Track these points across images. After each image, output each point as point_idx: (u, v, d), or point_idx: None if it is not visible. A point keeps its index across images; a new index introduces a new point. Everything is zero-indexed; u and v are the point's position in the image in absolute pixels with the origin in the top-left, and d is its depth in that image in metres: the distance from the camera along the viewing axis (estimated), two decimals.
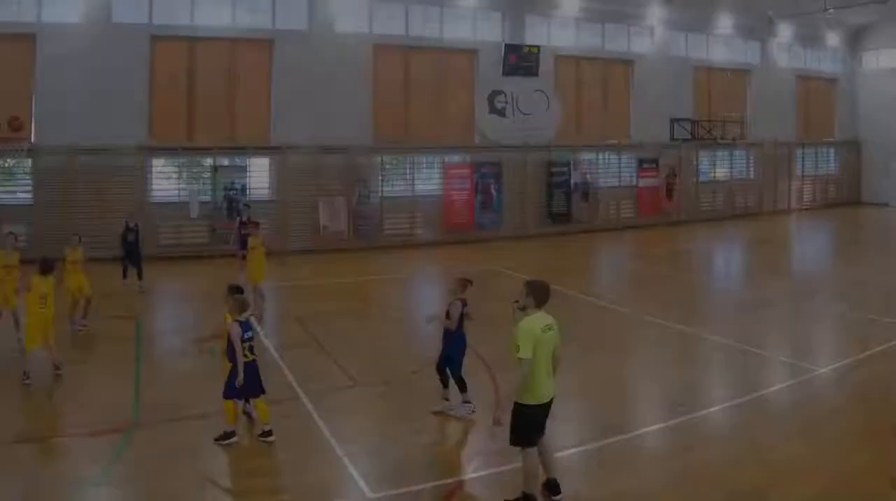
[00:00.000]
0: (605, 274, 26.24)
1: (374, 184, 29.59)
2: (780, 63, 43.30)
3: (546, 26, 34.26)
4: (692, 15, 37.94)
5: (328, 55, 28.67)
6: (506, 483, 9.09)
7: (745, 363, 14.62)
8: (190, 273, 24.16)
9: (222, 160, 27.32)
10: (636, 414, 12.16)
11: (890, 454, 10.08)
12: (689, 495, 9.10)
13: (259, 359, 11.19)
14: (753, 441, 10.56)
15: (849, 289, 21.75)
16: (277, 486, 9.44)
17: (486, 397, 12.08)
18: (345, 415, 11.77)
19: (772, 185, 42.33)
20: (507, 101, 32.76)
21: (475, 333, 15.30)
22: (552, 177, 33.60)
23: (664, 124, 37.26)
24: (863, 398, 12.49)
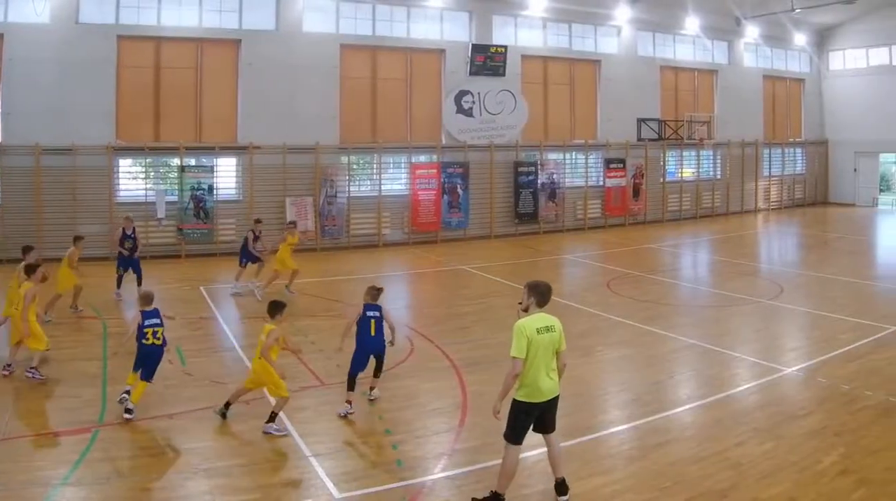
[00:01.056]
0: (571, 274, 26.77)
1: (341, 183, 30.35)
2: (747, 63, 44.71)
3: (513, 26, 35.31)
4: (659, 15, 39.11)
5: (295, 55, 29.47)
6: (472, 483, 9.57)
7: (712, 363, 15.08)
8: (157, 273, 24.65)
9: (189, 160, 27.95)
10: (604, 414, 12.49)
11: (856, 454, 10.40)
12: (655, 494, 9.36)
13: (225, 357, 12.09)
14: (720, 441, 10.94)
15: (816, 289, 22.48)
16: (245, 486, 9.57)
17: (454, 397, 12.84)
18: (312, 415, 12.10)
19: (739, 185, 43.68)
20: (474, 101, 33.73)
21: (444, 333, 16.53)
22: (519, 176, 34.60)
23: (631, 124, 38.52)
24: (830, 398, 12.83)
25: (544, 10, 35.22)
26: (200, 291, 21.90)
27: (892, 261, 29.26)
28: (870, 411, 12.09)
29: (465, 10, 33.67)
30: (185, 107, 28.26)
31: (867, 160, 46.88)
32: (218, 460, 10.27)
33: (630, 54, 38.93)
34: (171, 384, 13.19)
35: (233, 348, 16.02)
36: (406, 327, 17.63)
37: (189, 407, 12.18)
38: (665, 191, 40.23)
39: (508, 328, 15.80)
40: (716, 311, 19.96)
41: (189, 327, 17.46)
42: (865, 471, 9.84)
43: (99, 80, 26.36)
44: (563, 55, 36.94)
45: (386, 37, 32.00)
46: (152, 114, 27.77)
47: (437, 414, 12.24)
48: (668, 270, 26.99)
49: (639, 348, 16.24)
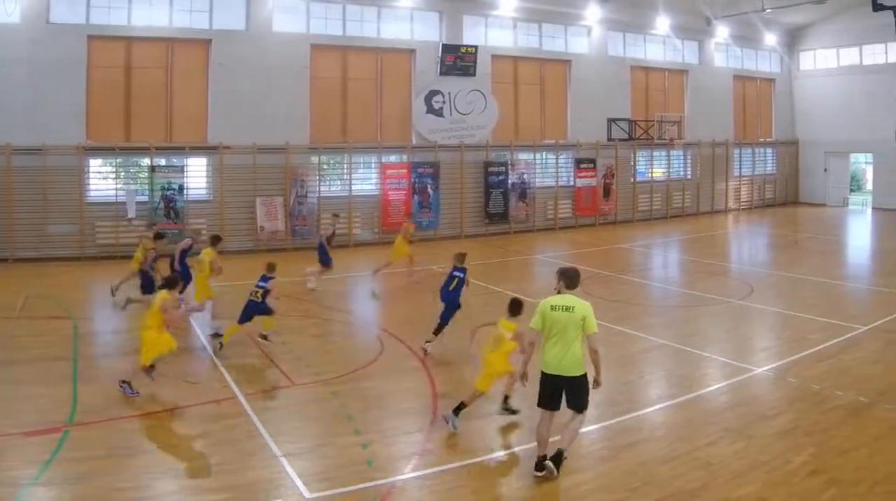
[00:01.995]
0: (542, 274, 26.97)
1: (312, 183, 31.10)
2: (718, 63, 45.97)
3: (483, 26, 36.27)
4: (630, 15, 40.24)
5: (265, 55, 30.22)
6: (443, 483, 9.87)
7: (683, 363, 15.43)
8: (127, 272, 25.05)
9: (159, 160, 28.59)
10: None
11: (826, 454, 10.66)
12: (625, 494, 9.57)
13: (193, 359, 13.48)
14: (690, 441, 11.19)
15: (786, 289, 22.98)
16: (215, 486, 9.71)
17: (424, 397, 13.25)
18: (283, 415, 12.37)
19: (709, 185, 44.85)
20: (445, 101, 34.66)
21: (414, 333, 16.96)
22: (489, 176, 35.54)
23: (601, 124, 39.64)
24: (800, 398, 13.10)
25: (514, 10, 36.18)
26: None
27: (861, 261, 30.00)
28: (840, 411, 12.38)
29: (435, 10, 34.58)
30: (155, 107, 28.92)
31: (837, 160, 48.16)
32: (188, 460, 10.57)
33: (600, 54, 40.00)
34: (142, 384, 13.32)
35: (204, 348, 16.34)
36: (376, 327, 18.41)
37: (159, 407, 12.43)
38: (635, 191, 41.28)
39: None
40: (686, 311, 20.46)
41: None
42: (835, 471, 10.10)
43: (69, 80, 26.97)
44: (534, 55, 37.94)
45: (356, 37, 32.79)
46: (123, 115, 28.39)
47: (407, 414, 12.47)
48: (639, 270, 27.46)
49: (609, 348, 15.92)
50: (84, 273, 24.70)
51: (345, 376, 14.25)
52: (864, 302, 21.44)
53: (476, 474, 10.23)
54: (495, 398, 12.40)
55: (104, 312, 20.54)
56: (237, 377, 14.04)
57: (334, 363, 15.14)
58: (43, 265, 25.73)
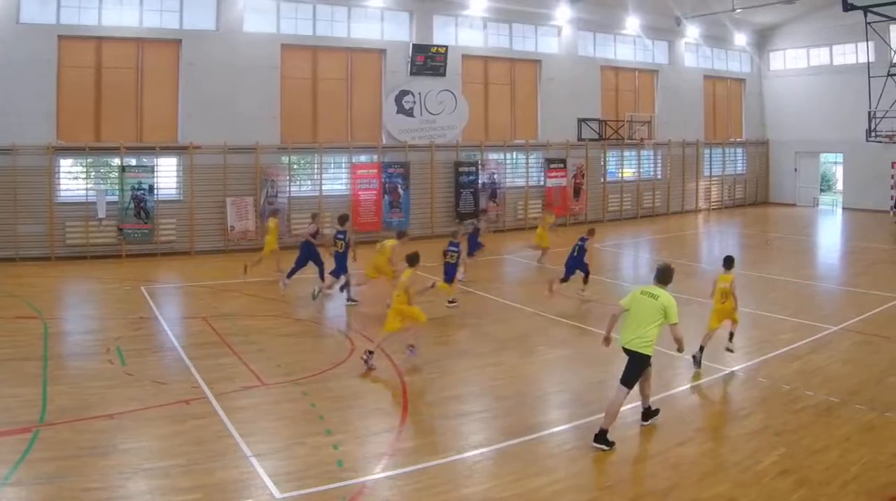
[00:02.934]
0: (512, 274, 27.80)
1: (282, 183, 31.74)
2: (688, 63, 47.18)
3: (454, 26, 37.19)
4: (600, 15, 41.30)
5: (236, 55, 30.89)
6: (413, 483, 9.98)
7: (653, 362, 15.41)
8: (97, 273, 25.58)
9: (130, 160, 29.16)
10: (545, 414, 12.99)
11: (797, 454, 10.82)
12: (596, 494, 9.78)
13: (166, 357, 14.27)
14: (661, 441, 11.39)
15: (757, 289, 23.04)
16: (186, 486, 9.76)
17: (395, 397, 13.55)
18: (253, 415, 12.45)
19: (679, 185, 46.08)
20: (415, 101, 35.49)
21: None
22: (460, 176, 36.38)
23: (572, 124, 40.74)
24: (770, 398, 13.34)
25: (485, 10, 37.08)
26: (141, 291, 22.53)
27: (832, 262, 30.58)
28: (810, 411, 12.60)
29: (405, 10, 35.38)
30: (125, 107, 29.45)
31: (808, 160, 49.46)
32: (158, 460, 10.56)
33: (571, 54, 41.04)
34: (111, 384, 13.63)
35: (174, 348, 16.51)
36: (347, 327, 18.90)
37: (129, 407, 12.49)
38: (606, 191, 42.30)
39: (448, 327, 18.43)
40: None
41: (129, 327, 18.14)
42: (806, 471, 10.25)
43: (40, 80, 27.44)
44: (504, 55, 38.87)
45: (327, 37, 33.53)
46: (93, 115, 28.91)
47: (377, 414, 12.69)
48: (609, 270, 27.82)
49: (579, 348, 16.95)
50: (55, 273, 25.19)
51: (315, 376, 14.47)
52: (834, 303, 21.94)
53: (446, 474, 10.35)
54: (469, 398, 13.23)
55: (74, 312, 20.91)
56: (207, 377, 14.18)
57: (305, 363, 15.40)
58: (13, 265, 26.26)
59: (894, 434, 11.58)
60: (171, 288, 24.13)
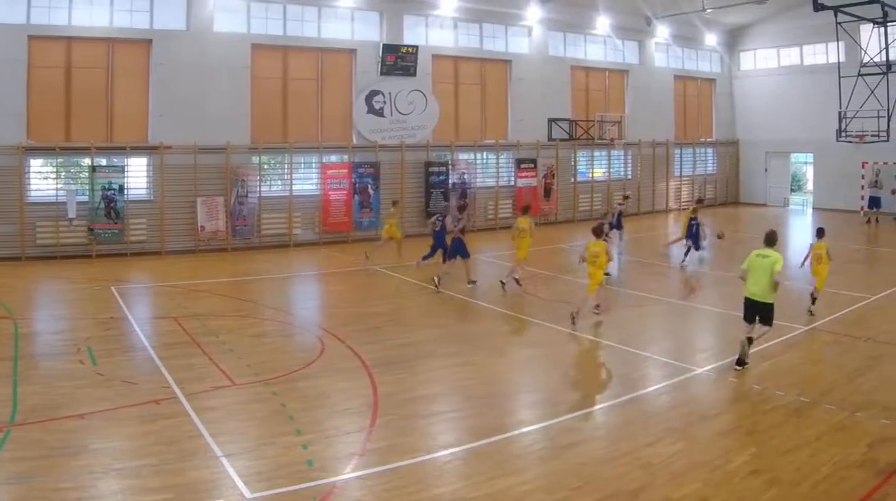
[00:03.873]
0: (482, 274, 27.17)
1: (253, 183, 32.24)
2: (658, 63, 48.24)
3: (424, 26, 37.97)
4: (570, 15, 42.18)
5: (206, 55, 31.44)
6: (383, 483, 10.10)
7: (624, 362, 15.95)
8: (67, 273, 25.99)
9: (100, 160, 29.55)
10: (515, 414, 13.19)
11: (767, 454, 10.96)
12: (566, 494, 9.79)
13: (137, 357, 14.66)
14: (631, 441, 11.47)
15: (727, 289, 22.92)
16: (156, 486, 9.84)
17: (365, 397, 13.51)
18: (223, 415, 12.55)
19: (650, 185, 47.03)
20: (385, 101, 36.18)
21: (355, 333, 17.88)
22: (430, 176, 37.11)
23: (542, 124, 41.56)
24: (741, 398, 13.63)
25: (455, 10, 37.86)
26: (111, 291, 22.85)
27: (800, 261, 30.78)
28: (781, 411, 12.75)
29: (375, 10, 36.06)
30: (96, 107, 29.90)
31: (778, 160, 50.59)
32: (129, 460, 10.63)
33: (541, 54, 41.90)
34: (82, 384, 13.79)
35: (144, 348, 16.66)
36: (317, 327, 19.12)
37: (100, 406, 12.61)
38: (576, 191, 43.17)
39: (419, 328, 19.06)
40: (627, 311, 21.13)
41: (100, 327, 18.41)
42: (776, 471, 10.36)
43: (10, 80, 27.85)
44: (474, 55, 39.68)
45: (297, 37, 34.13)
46: (63, 115, 29.35)
47: (348, 414, 12.73)
48: (580, 270, 27.80)
49: (550, 348, 17.15)
50: (25, 273, 25.61)
51: (285, 376, 14.64)
52: (805, 303, 21.61)
53: (417, 474, 10.45)
54: (439, 398, 13.71)
55: (45, 312, 21.20)
56: (177, 377, 14.33)
57: (275, 362, 15.59)
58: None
59: (865, 434, 11.71)
60: (141, 288, 24.52)
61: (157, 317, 19.94)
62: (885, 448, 11.14)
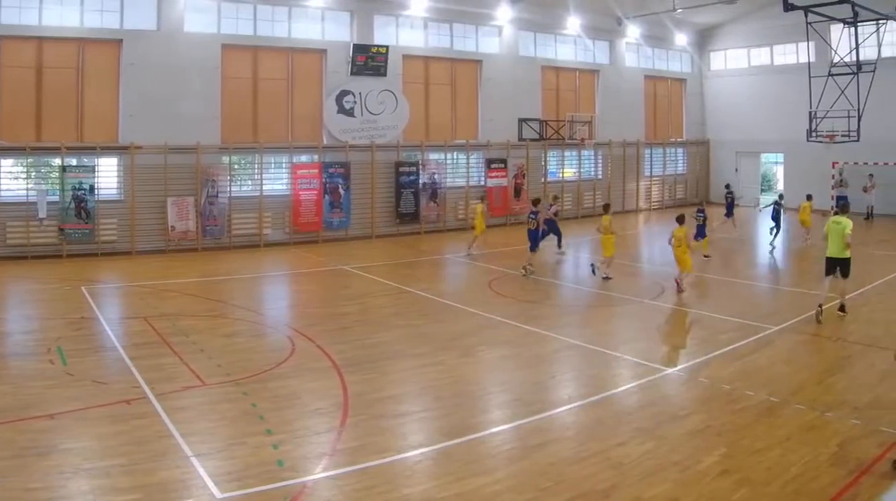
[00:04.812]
0: (453, 274, 28.43)
1: (223, 183, 32.69)
2: (629, 63, 49.17)
3: (394, 26, 38.58)
4: (540, 15, 42.96)
5: (177, 55, 31.90)
6: (354, 483, 10.18)
7: (594, 363, 16.07)
8: (38, 273, 26.28)
9: (70, 160, 30.07)
10: (485, 414, 13.27)
11: (738, 454, 11.11)
12: (536, 494, 9.86)
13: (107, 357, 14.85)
14: (601, 441, 11.56)
15: (697, 289, 23.86)
16: (126, 486, 9.88)
17: (335, 397, 13.63)
18: (193, 415, 12.64)
19: (620, 185, 47.83)
20: (356, 101, 36.77)
21: (325, 333, 18.22)
22: (400, 176, 37.73)
23: (512, 124, 42.32)
24: (711, 398, 13.66)
25: (425, 10, 38.53)
26: (82, 291, 23.10)
27: (772, 261, 31.10)
28: (751, 411, 12.88)
29: (346, 10, 36.65)
30: (66, 107, 30.32)
31: (748, 160, 51.61)
32: (99, 460, 10.68)
33: (511, 54, 42.66)
34: (52, 384, 13.87)
35: (114, 348, 16.79)
36: (286, 327, 19.41)
37: (70, 406, 12.72)
38: (546, 191, 43.21)
39: (389, 328, 19.40)
40: (597, 311, 21.64)
41: (70, 327, 18.55)
42: (746, 471, 10.48)
43: None
44: (445, 55, 40.40)
45: (267, 37, 34.66)
46: (34, 115, 29.74)
47: (318, 414, 12.82)
48: (550, 270, 28.57)
49: (520, 348, 17.22)
50: None
51: (256, 376, 14.74)
52: (774, 302, 22.66)
53: (387, 474, 10.54)
54: (409, 398, 13.89)
55: (15, 312, 21.34)
56: (148, 377, 14.42)
57: (245, 363, 15.69)
58: None
59: (835, 433, 11.86)
60: (111, 288, 24.82)
61: (128, 317, 20.14)
62: (855, 447, 11.29)
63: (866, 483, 10.16)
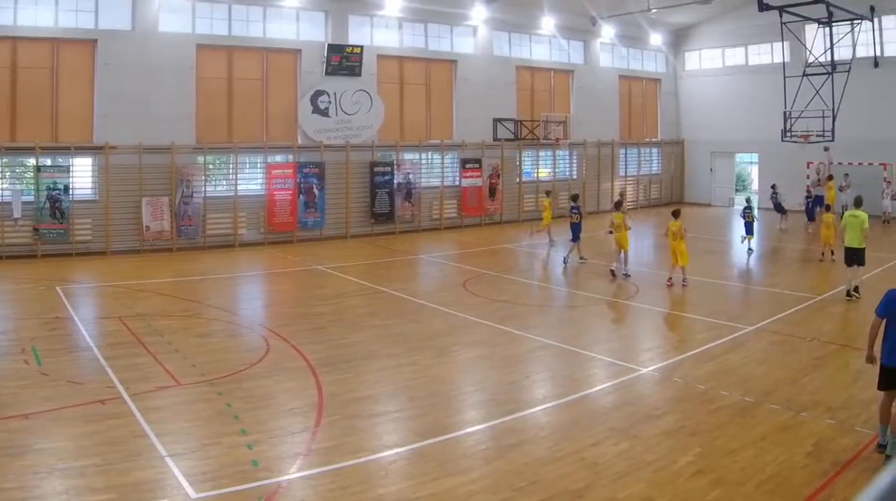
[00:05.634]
0: (427, 274, 28.89)
1: (198, 183, 33.10)
2: (604, 63, 49.91)
3: (369, 26, 39.14)
4: (515, 15, 43.55)
5: (151, 55, 32.29)
6: (328, 483, 10.29)
7: (568, 363, 16.24)
8: (12, 273, 26.49)
9: (45, 160, 30.40)
10: (460, 414, 13.40)
11: (712, 454, 11.25)
12: (510, 495, 9.98)
13: (81, 357, 15.09)
14: (576, 441, 11.70)
15: (672, 289, 24.10)
16: (101, 486, 9.95)
17: (310, 397, 13.83)
18: (168, 415, 12.76)
19: (595, 185, 48.40)
20: (330, 101, 37.28)
21: (300, 333, 18.50)
22: (375, 176, 38.23)
23: (487, 124, 42.94)
24: (686, 398, 13.79)
25: (400, 10, 39.03)
26: (56, 291, 23.30)
27: (746, 262, 31.08)
28: (725, 411, 13.04)
29: (321, 10, 37.18)
30: (41, 107, 30.64)
31: (723, 160, 52.35)
32: (74, 460, 10.76)
33: (486, 54, 43.31)
34: (26, 384, 14.00)
35: (89, 348, 16.92)
36: (261, 327, 19.56)
37: (45, 407, 12.82)
38: (521, 191, 44.53)
39: (363, 327, 19.58)
40: (572, 311, 22.05)
41: (45, 327, 18.72)
42: (721, 471, 10.62)
43: None
44: (419, 55, 40.97)
45: (242, 37, 35.12)
46: (8, 115, 30.05)
47: (292, 414, 12.97)
48: (525, 270, 29.41)
49: (495, 348, 17.42)
50: None
51: (230, 376, 14.88)
52: (749, 303, 23.15)
53: (362, 474, 10.65)
54: (384, 398, 14.06)
55: None
56: (122, 377, 14.54)
57: (220, 363, 15.84)
58: None
59: (810, 433, 12.00)
60: (86, 288, 25.16)
61: (103, 317, 20.35)
62: (829, 447, 11.44)
63: (841, 483, 10.31)
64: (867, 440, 11.62)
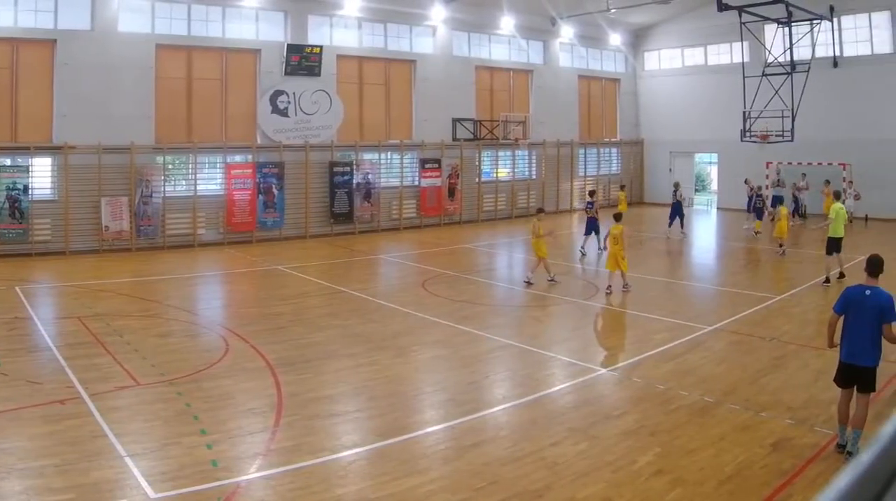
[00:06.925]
0: (386, 274, 29.33)
1: (157, 183, 33.69)
2: (563, 63, 51.07)
3: (329, 26, 39.95)
4: (474, 15, 44.55)
5: (111, 55, 32.83)
6: (288, 483, 10.41)
7: (528, 363, 16.43)
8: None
9: (4, 160, 30.94)
10: (419, 414, 13.57)
11: (672, 453, 11.39)
12: (470, 495, 10.07)
13: (41, 357, 15.41)
14: (535, 441, 11.81)
15: (632, 289, 24.09)
16: (60, 486, 10.00)
17: (269, 397, 13.96)
18: (127, 415, 12.80)
19: (554, 185, 49.65)
20: (290, 101, 38.01)
21: (259, 333, 18.74)
22: (335, 176, 39.01)
23: (447, 124, 43.87)
24: (645, 398, 13.93)
25: (359, 10, 39.88)
26: (16, 291, 23.44)
27: (705, 261, 32.80)
28: (685, 411, 13.18)
29: (280, 10, 37.91)
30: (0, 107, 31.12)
31: (682, 160, 53.65)
32: (32, 460, 10.77)
33: (445, 54, 44.28)
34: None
35: (48, 348, 17.01)
36: (221, 327, 19.71)
37: (3, 406, 12.88)
38: (480, 191, 45.55)
39: (323, 327, 19.91)
40: (531, 311, 22.25)
41: (4, 327, 18.80)
42: (680, 471, 10.71)
43: None
44: (379, 55, 41.81)
45: (201, 37, 35.76)
46: None
47: (252, 414, 13.07)
48: (484, 270, 29.65)
49: (454, 348, 17.55)
50: None
51: (190, 376, 15.00)
52: (708, 303, 23.46)
53: (321, 474, 10.76)
54: (343, 398, 14.29)
55: None
56: (82, 377, 14.63)
57: (179, 362, 15.96)
58: None
59: (769, 433, 12.15)
60: (45, 288, 25.53)
61: (62, 317, 20.54)
62: (789, 447, 11.62)
63: (801, 483, 10.50)
64: (827, 440, 11.91)
